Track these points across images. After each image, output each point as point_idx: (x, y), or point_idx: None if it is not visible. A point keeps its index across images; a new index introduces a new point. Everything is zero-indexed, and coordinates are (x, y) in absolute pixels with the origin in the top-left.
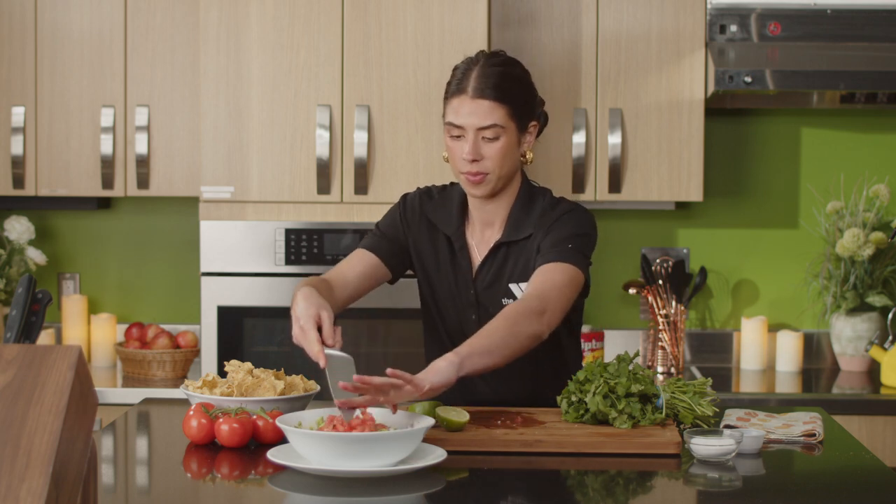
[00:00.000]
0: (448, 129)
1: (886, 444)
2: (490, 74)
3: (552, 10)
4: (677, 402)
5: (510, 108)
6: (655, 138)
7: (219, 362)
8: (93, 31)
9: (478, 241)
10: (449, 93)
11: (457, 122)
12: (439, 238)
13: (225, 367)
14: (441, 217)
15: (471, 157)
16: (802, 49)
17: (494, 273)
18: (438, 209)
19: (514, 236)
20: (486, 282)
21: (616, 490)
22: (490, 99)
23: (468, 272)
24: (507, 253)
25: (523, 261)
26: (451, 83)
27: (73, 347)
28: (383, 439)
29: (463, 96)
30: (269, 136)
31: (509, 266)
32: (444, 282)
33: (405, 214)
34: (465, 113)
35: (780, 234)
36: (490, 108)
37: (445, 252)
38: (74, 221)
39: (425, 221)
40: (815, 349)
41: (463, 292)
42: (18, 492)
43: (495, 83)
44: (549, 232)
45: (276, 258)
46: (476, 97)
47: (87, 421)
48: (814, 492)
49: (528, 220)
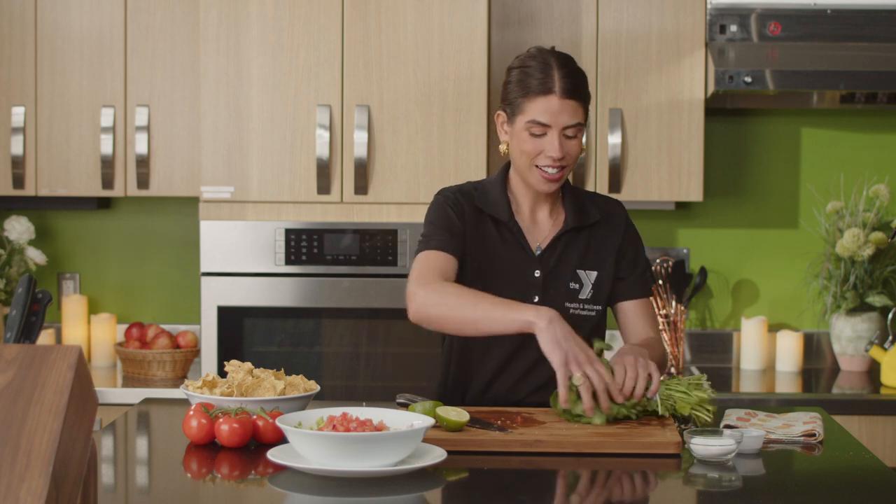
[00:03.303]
0: (528, 127)
1: (886, 444)
2: (574, 74)
3: (552, 10)
4: (672, 391)
5: (586, 111)
6: (655, 138)
7: (219, 362)
8: (93, 31)
9: (528, 226)
10: (531, 91)
11: (544, 120)
12: (487, 226)
13: (225, 367)
14: (491, 205)
15: (560, 154)
16: (802, 49)
17: (558, 257)
18: (485, 199)
19: (579, 223)
20: (551, 264)
21: (616, 490)
22: (577, 100)
23: (531, 255)
24: (569, 238)
25: (588, 247)
26: (531, 82)
27: (73, 347)
28: (383, 439)
29: (551, 96)
30: (269, 136)
31: (573, 251)
32: (501, 266)
33: (454, 206)
34: (554, 112)
35: (780, 234)
36: (576, 108)
37: (497, 238)
38: (74, 221)
39: (474, 211)
40: (815, 349)
41: (525, 276)
42: (18, 492)
43: (579, 84)
44: (631, 242)
45: (277, 258)
46: (565, 97)
47: (87, 421)
48: (814, 492)
49: (586, 207)
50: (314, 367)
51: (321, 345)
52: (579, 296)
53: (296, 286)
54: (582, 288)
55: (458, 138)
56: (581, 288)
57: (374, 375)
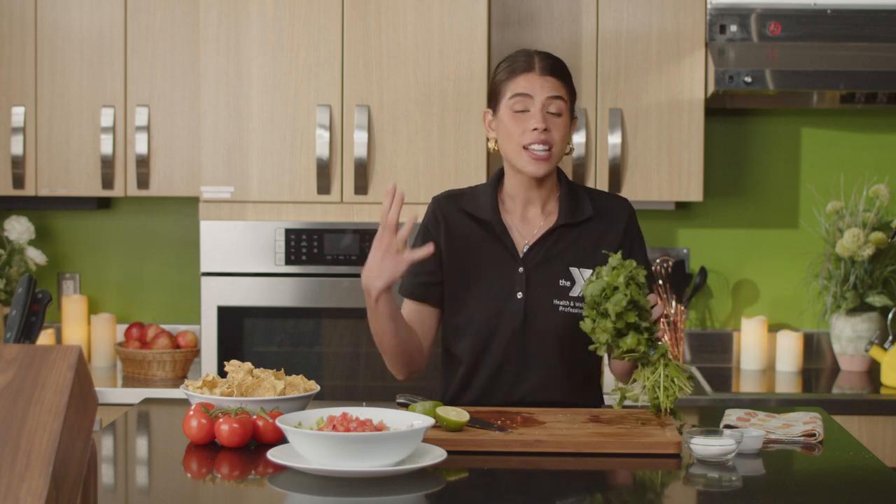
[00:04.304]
0: (511, 104)
1: (886, 444)
2: (552, 58)
3: (552, 10)
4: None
5: (568, 92)
6: (655, 138)
7: (219, 362)
8: (93, 31)
9: (517, 224)
10: (514, 71)
11: (525, 90)
12: (472, 227)
13: (225, 367)
14: (478, 207)
15: (542, 124)
16: (802, 49)
17: (545, 253)
18: (472, 202)
19: (571, 219)
20: (536, 261)
21: (616, 490)
22: (557, 77)
23: (514, 252)
24: (560, 235)
25: (583, 244)
26: (515, 65)
27: (73, 347)
28: (383, 439)
29: (531, 73)
30: (269, 136)
31: (563, 247)
32: (484, 264)
33: (433, 224)
34: (534, 83)
35: (780, 234)
36: (556, 84)
37: (482, 238)
38: (74, 221)
39: (458, 214)
40: (815, 349)
41: (508, 273)
42: (18, 492)
43: (559, 66)
44: (631, 242)
45: (276, 258)
46: (544, 74)
47: (87, 421)
48: (814, 492)
49: (581, 203)
50: (314, 367)
51: (321, 345)
52: (570, 293)
53: (296, 286)
54: (574, 285)
55: (458, 138)
56: (573, 285)
57: (374, 375)
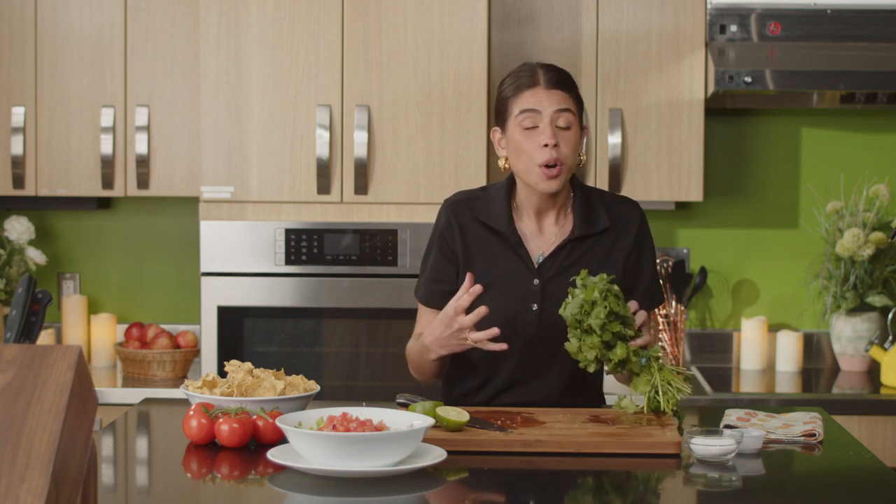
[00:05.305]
0: (520, 121)
1: (886, 444)
2: (557, 70)
3: (552, 10)
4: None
5: (576, 103)
6: (655, 138)
7: (219, 362)
8: (93, 31)
9: (532, 235)
10: (519, 87)
11: (533, 105)
12: (488, 236)
13: (225, 367)
14: (492, 216)
15: (552, 140)
16: (802, 49)
17: (560, 264)
18: (486, 210)
19: (586, 231)
20: (552, 273)
21: (616, 490)
22: (563, 90)
23: (530, 264)
24: (574, 245)
25: (597, 254)
26: (520, 82)
27: (73, 347)
28: (383, 439)
29: (537, 87)
30: (269, 136)
31: (577, 258)
32: (500, 276)
33: (447, 231)
34: (541, 98)
35: (780, 234)
36: (563, 96)
37: (498, 248)
38: (74, 221)
39: (473, 222)
40: (815, 349)
41: (524, 285)
42: (18, 492)
43: (564, 78)
44: (641, 250)
45: (276, 258)
46: (550, 87)
47: (87, 421)
48: (814, 492)
49: (596, 213)
50: (314, 367)
51: (321, 345)
52: None
53: (296, 286)
54: None
55: (458, 138)
56: None
57: (374, 375)
